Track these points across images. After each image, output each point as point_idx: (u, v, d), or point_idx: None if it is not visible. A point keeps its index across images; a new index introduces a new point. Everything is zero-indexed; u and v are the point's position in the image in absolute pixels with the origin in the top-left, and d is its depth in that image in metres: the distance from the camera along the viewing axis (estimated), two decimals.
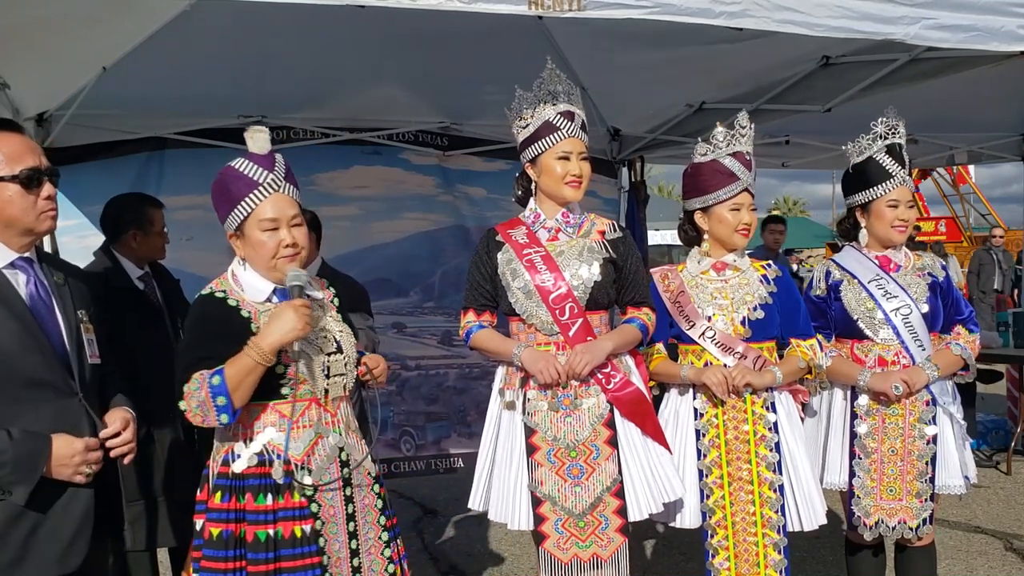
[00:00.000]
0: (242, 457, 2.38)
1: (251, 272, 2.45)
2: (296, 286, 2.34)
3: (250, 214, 2.38)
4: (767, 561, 3.00)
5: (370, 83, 4.91)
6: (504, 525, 2.92)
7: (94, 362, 2.35)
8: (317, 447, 2.41)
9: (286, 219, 2.39)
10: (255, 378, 2.28)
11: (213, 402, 2.26)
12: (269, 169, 2.39)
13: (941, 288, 3.30)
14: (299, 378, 2.37)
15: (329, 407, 2.45)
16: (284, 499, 2.35)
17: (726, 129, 3.08)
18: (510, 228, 3.00)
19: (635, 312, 2.98)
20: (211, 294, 2.43)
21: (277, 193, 2.38)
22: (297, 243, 2.40)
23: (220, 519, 2.35)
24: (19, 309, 2.22)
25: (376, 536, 2.50)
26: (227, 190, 2.41)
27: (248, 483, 2.36)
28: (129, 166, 5.00)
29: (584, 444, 2.84)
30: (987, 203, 26.44)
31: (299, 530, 2.34)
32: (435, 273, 5.69)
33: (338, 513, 2.42)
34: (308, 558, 2.34)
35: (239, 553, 2.33)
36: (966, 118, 6.00)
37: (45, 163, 2.26)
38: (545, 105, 2.89)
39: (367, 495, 2.51)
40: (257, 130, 2.42)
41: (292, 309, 2.29)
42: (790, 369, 3.09)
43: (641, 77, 4.93)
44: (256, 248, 2.39)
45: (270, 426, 2.38)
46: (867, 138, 3.30)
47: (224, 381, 2.26)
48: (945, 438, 3.24)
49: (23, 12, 2.87)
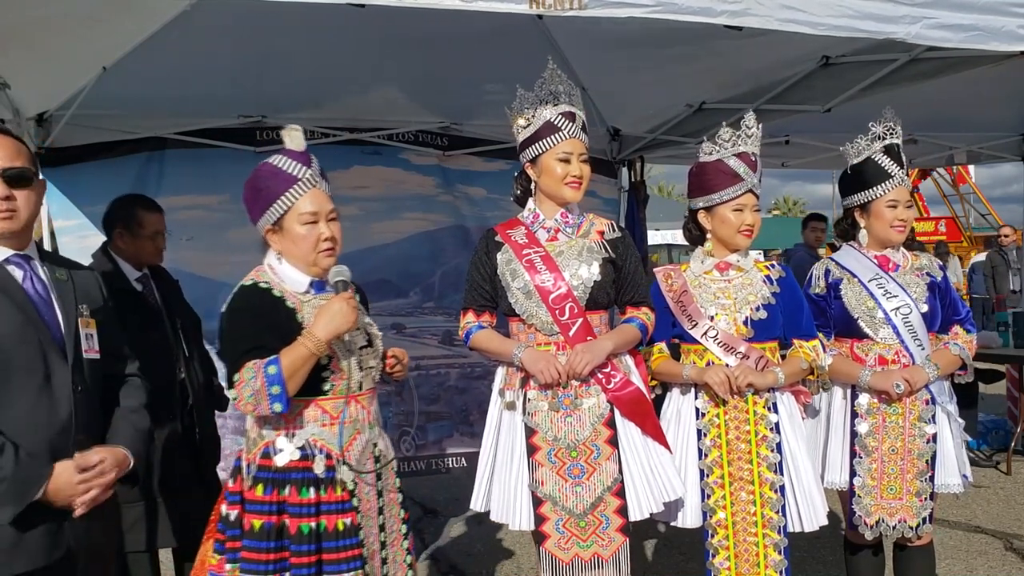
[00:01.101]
0: (285, 451, 2.44)
1: (287, 265, 2.52)
2: (341, 280, 2.45)
3: (290, 208, 2.45)
4: (767, 561, 3.00)
5: (370, 83, 4.91)
6: (505, 525, 2.92)
7: (91, 356, 2.35)
8: (355, 442, 2.49)
9: (325, 213, 2.48)
10: (308, 369, 2.37)
11: (268, 391, 2.33)
12: (307, 165, 2.48)
13: (939, 288, 3.31)
14: (339, 371, 2.46)
15: (364, 403, 2.54)
16: (327, 493, 2.42)
17: (732, 129, 3.08)
18: (509, 228, 3.00)
19: (634, 312, 2.98)
20: (255, 285, 2.50)
21: (315, 188, 2.48)
22: (334, 237, 2.49)
23: (262, 511, 2.41)
24: (20, 300, 2.25)
25: (398, 529, 2.61)
26: (265, 186, 2.48)
27: (291, 476, 2.42)
28: (129, 166, 4.99)
29: (585, 444, 2.84)
30: (987, 203, 26.47)
31: (341, 523, 2.42)
32: (435, 273, 5.68)
33: (372, 506, 2.52)
34: (350, 550, 2.42)
35: (280, 544, 2.40)
36: (966, 118, 6.00)
37: (3, 165, 2.24)
38: (546, 105, 2.89)
39: (392, 490, 2.61)
40: (294, 128, 2.50)
41: (343, 302, 2.39)
42: (792, 370, 3.09)
43: (641, 77, 4.93)
44: (296, 242, 2.47)
45: (312, 421, 2.45)
46: (865, 139, 3.30)
47: (280, 370, 2.33)
48: (944, 437, 3.25)
49: (23, 12, 2.87)
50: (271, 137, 5.20)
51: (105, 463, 2.27)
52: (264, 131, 5.17)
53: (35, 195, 2.32)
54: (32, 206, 2.30)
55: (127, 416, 2.45)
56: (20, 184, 2.26)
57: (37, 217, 2.38)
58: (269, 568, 2.39)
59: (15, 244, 2.30)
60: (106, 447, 2.33)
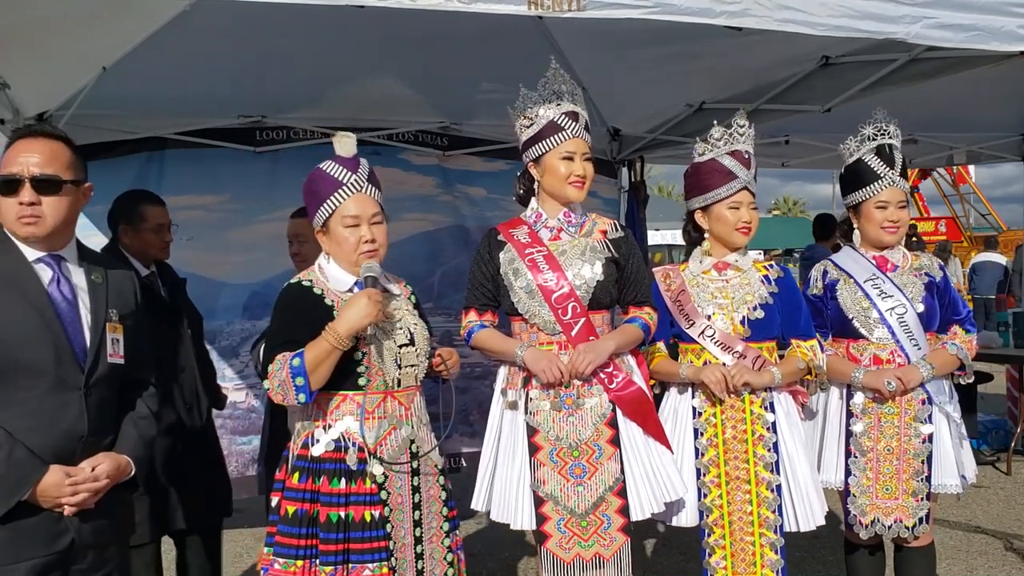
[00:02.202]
0: (320, 442, 2.55)
1: (334, 266, 2.63)
2: (370, 276, 2.53)
3: (334, 211, 2.57)
4: (763, 560, 3.01)
5: (370, 83, 4.91)
6: (505, 525, 2.92)
7: (115, 361, 2.37)
8: (390, 437, 2.57)
9: (367, 217, 2.58)
10: (332, 362, 2.47)
11: (293, 382, 2.45)
12: (353, 171, 2.59)
13: (938, 288, 3.30)
14: (374, 367, 2.55)
15: (403, 399, 2.62)
16: (357, 484, 2.52)
17: (723, 128, 3.09)
18: (512, 228, 3.00)
19: (637, 312, 2.98)
20: (299, 283, 2.63)
21: (360, 193, 2.58)
22: (376, 239, 2.58)
23: (296, 498, 2.53)
24: (39, 301, 2.28)
25: (438, 526, 2.67)
26: (316, 189, 2.61)
27: (324, 467, 2.53)
28: (129, 166, 4.98)
29: (586, 443, 2.84)
30: (987, 203, 26.47)
31: (368, 515, 2.51)
32: (434, 274, 5.67)
33: (405, 501, 2.58)
34: (376, 541, 2.51)
35: (312, 531, 2.51)
36: (966, 118, 6.00)
37: (31, 171, 2.27)
38: (549, 105, 2.89)
39: (432, 486, 2.67)
40: (344, 135, 2.65)
41: (365, 296, 2.48)
42: (790, 369, 3.09)
43: (641, 77, 4.93)
44: (339, 243, 2.59)
45: (348, 415, 2.55)
46: (855, 140, 3.31)
47: (303, 363, 2.45)
48: (941, 437, 3.24)
49: (23, 12, 2.87)
50: (271, 137, 5.20)
51: (99, 470, 2.28)
52: (264, 131, 5.17)
53: (66, 201, 2.32)
54: (62, 211, 2.31)
55: (136, 423, 2.46)
56: (48, 190, 2.28)
57: (72, 219, 2.39)
58: (299, 553, 2.50)
59: (47, 245, 2.34)
60: (108, 453, 2.34)
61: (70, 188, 2.34)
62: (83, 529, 2.29)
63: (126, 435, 2.42)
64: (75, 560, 2.30)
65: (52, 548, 2.25)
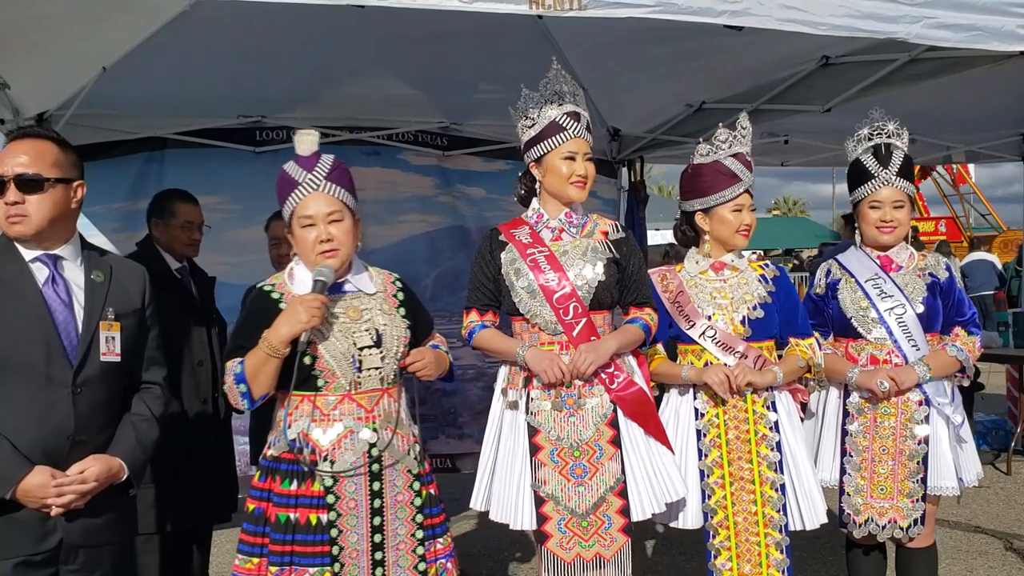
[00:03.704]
0: (279, 442, 2.54)
1: (302, 267, 2.60)
2: (318, 281, 2.47)
3: (293, 211, 2.54)
4: (769, 561, 3.00)
5: (370, 83, 4.91)
6: (504, 525, 2.91)
7: (109, 359, 2.38)
8: (345, 440, 2.51)
9: (322, 216, 2.52)
10: (271, 369, 2.45)
11: (237, 388, 2.49)
12: (309, 169, 2.54)
13: (941, 288, 3.28)
14: (327, 369, 2.49)
15: (363, 401, 2.53)
16: (306, 487, 2.49)
17: (728, 130, 3.08)
18: (513, 228, 3.00)
19: (638, 312, 2.98)
20: (259, 288, 2.63)
21: (316, 192, 2.52)
22: (332, 239, 2.51)
23: (256, 496, 2.54)
24: (33, 300, 2.31)
25: (408, 533, 2.57)
26: (279, 190, 2.59)
27: (280, 467, 2.52)
28: (129, 166, 4.99)
29: (587, 444, 2.84)
30: (987, 203, 26.46)
31: (314, 518, 2.47)
32: (430, 275, 5.66)
33: (360, 506, 2.50)
34: (319, 545, 2.47)
35: (266, 531, 2.50)
36: (966, 118, 5.99)
37: (15, 171, 2.31)
38: (551, 105, 2.89)
39: (402, 491, 2.57)
40: (304, 133, 2.58)
41: (300, 303, 2.42)
42: (790, 368, 3.10)
43: (641, 77, 4.93)
44: (299, 244, 2.56)
45: (305, 416, 2.51)
46: (852, 140, 3.31)
47: (243, 371, 2.47)
48: (939, 439, 3.21)
49: (23, 12, 2.87)
50: (271, 137, 5.20)
51: (87, 472, 2.28)
52: (264, 131, 5.18)
53: (49, 198, 2.34)
54: (46, 209, 2.33)
55: (135, 425, 2.45)
56: (31, 189, 2.31)
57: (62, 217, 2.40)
58: (255, 551, 2.50)
59: (42, 245, 2.37)
60: (100, 456, 2.34)
61: (55, 186, 2.35)
62: (72, 529, 2.29)
63: (122, 437, 2.42)
64: (65, 560, 2.30)
65: (39, 547, 2.26)
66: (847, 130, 3.42)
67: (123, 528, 2.52)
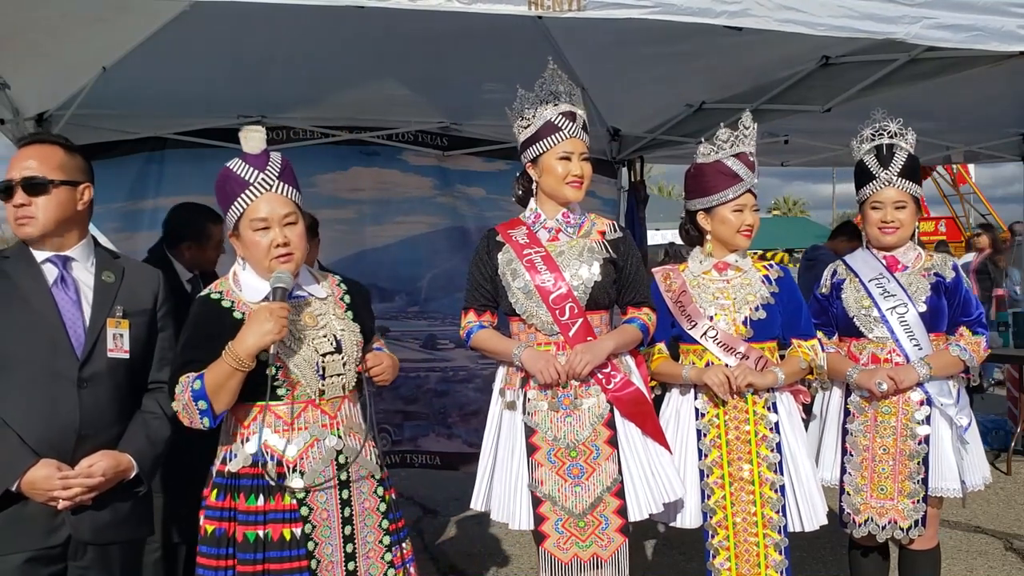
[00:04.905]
0: (238, 457, 2.39)
1: (249, 272, 2.44)
2: (278, 288, 2.32)
3: (242, 214, 2.38)
4: (768, 561, 3.00)
5: (370, 83, 4.91)
6: (505, 525, 2.92)
7: (117, 356, 2.40)
8: (312, 449, 2.39)
9: (277, 218, 2.37)
10: (235, 383, 2.28)
11: (195, 405, 2.28)
12: (260, 169, 2.39)
13: (947, 288, 3.26)
14: (291, 379, 2.37)
15: (327, 408, 2.43)
16: (275, 501, 2.35)
17: (730, 130, 3.08)
18: (510, 228, 3.00)
19: (635, 312, 2.98)
20: (207, 295, 2.45)
21: (269, 192, 2.38)
22: (289, 243, 2.37)
23: (215, 517, 2.38)
24: (42, 299, 2.37)
25: (376, 540, 2.47)
26: (223, 191, 2.43)
27: (241, 483, 2.37)
28: (129, 166, 5.00)
29: (584, 444, 2.84)
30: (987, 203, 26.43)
31: (288, 532, 2.34)
32: (424, 277, 5.66)
33: (332, 516, 2.40)
34: (296, 561, 2.34)
35: (230, 552, 2.35)
36: (965, 118, 6.00)
37: (22, 175, 2.38)
38: (547, 105, 2.89)
39: (368, 498, 2.48)
40: (251, 130, 2.43)
41: (267, 312, 2.26)
42: (792, 369, 3.09)
43: (641, 77, 4.93)
44: (250, 248, 2.39)
45: (267, 427, 2.37)
46: (856, 140, 3.32)
47: (204, 386, 2.27)
48: (940, 439, 3.20)
49: (23, 12, 2.87)
50: (271, 137, 5.15)
51: (94, 467, 2.29)
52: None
53: (55, 200, 2.40)
54: (52, 211, 2.40)
55: (147, 422, 2.46)
56: (37, 191, 2.38)
57: (69, 219, 2.44)
58: (220, 575, 2.35)
59: (52, 246, 2.43)
60: (108, 451, 2.35)
61: (60, 188, 2.41)
62: (81, 525, 2.31)
63: (132, 434, 2.43)
64: (74, 556, 2.32)
65: (48, 542, 2.28)
66: (847, 130, 3.42)
67: (134, 528, 2.49)
